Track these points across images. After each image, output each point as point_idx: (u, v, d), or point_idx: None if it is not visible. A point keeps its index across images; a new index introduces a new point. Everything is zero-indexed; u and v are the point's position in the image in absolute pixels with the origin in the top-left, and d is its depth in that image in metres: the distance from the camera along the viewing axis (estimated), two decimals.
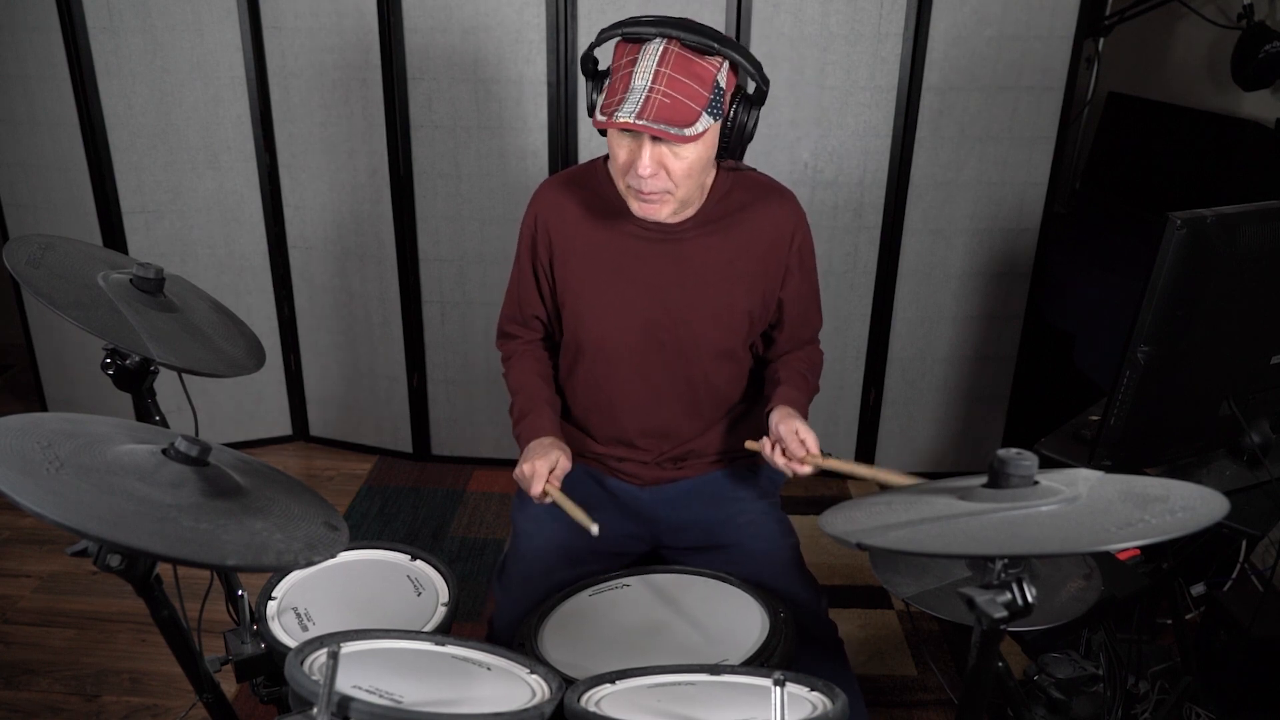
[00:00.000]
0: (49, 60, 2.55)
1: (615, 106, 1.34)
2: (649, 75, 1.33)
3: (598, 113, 1.38)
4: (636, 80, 1.34)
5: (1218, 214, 1.30)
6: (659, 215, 1.46)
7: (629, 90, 1.34)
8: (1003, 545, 0.88)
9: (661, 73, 1.33)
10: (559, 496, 1.46)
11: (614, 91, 1.36)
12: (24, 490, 0.84)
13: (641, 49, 1.36)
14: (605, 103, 1.37)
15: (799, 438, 1.46)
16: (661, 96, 1.33)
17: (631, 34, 1.36)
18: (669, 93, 1.33)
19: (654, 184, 1.41)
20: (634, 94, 1.33)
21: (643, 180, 1.40)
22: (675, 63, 1.34)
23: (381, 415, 3.01)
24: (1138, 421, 1.41)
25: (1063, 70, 2.51)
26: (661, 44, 1.34)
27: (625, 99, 1.34)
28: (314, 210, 2.79)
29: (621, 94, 1.34)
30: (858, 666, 2.16)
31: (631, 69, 1.35)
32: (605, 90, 1.39)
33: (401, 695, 1.02)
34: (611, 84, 1.38)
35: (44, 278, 1.31)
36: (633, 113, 1.32)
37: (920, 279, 2.73)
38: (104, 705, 2.04)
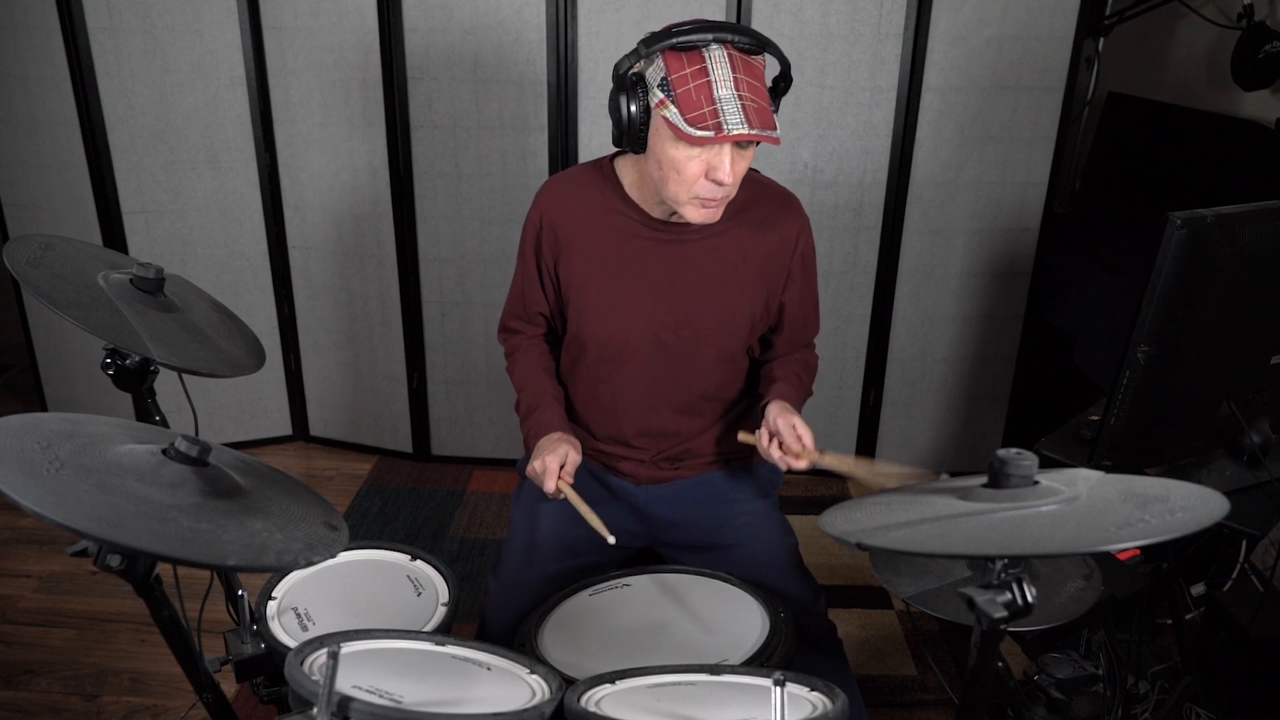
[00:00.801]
0: (49, 60, 2.55)
1: (713, 119, 1.31)
2: (730, 84, 1.31)
3: (687, 127, 1.32)
4: (720, 90, 1.31)
5: (1218, 214, 1.30)
6: (716, 219, 1.46)
7: (717, 101, 1.31)
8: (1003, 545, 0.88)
9: (740, 79, 1.32)
10: (574, 498, 1.47)
11: (696, 104, 1.32)
12: (24, 490, 0.84)
13: (706, 57, 1.32)
14: (691, 117, 1.31)
15: (796, 432, 1.46)
16: (751, 103, 1.32)
17: (685, 43, 1.33)
18: (753, 98, 1.32)
19: (728, 190, 1.41)
20: (727, 104, 1.31)
21: (721, 188, 1.39)
22: (744, 68, 1.33)
23: (381, 415, 3.01)
24: (1138, 421, 1.41)
25: (1063, 70, 2.51)
26: (722, 50, 1.32)
27: (722, 111, 1.31)
28: (314, 210, 2.79)
29: (710, 105, 1.31)
30: (858, 666, 2.16)
31: (706, 79, 1.32)
32: (678, 103, 1.32)
33: (401, 695, 1.02)
34: (684, 95, 1.32)
35: (44, 278, 1.31)
36: (741, 123, 1.30)
37: (920, 279, 2.73)
38: (104, 705, 2.04)
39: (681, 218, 1.49)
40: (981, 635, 0.95)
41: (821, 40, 2.50)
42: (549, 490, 1.47)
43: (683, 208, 1.44)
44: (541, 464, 1.48)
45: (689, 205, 1.43)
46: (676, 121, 1.33)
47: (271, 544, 0.96)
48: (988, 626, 0.93)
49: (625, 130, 1.39)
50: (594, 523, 1.42)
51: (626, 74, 1.37)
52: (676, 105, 1.33)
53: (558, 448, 1.50)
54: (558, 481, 1.47)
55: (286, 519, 1.02)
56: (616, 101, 1.39)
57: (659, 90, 1.35)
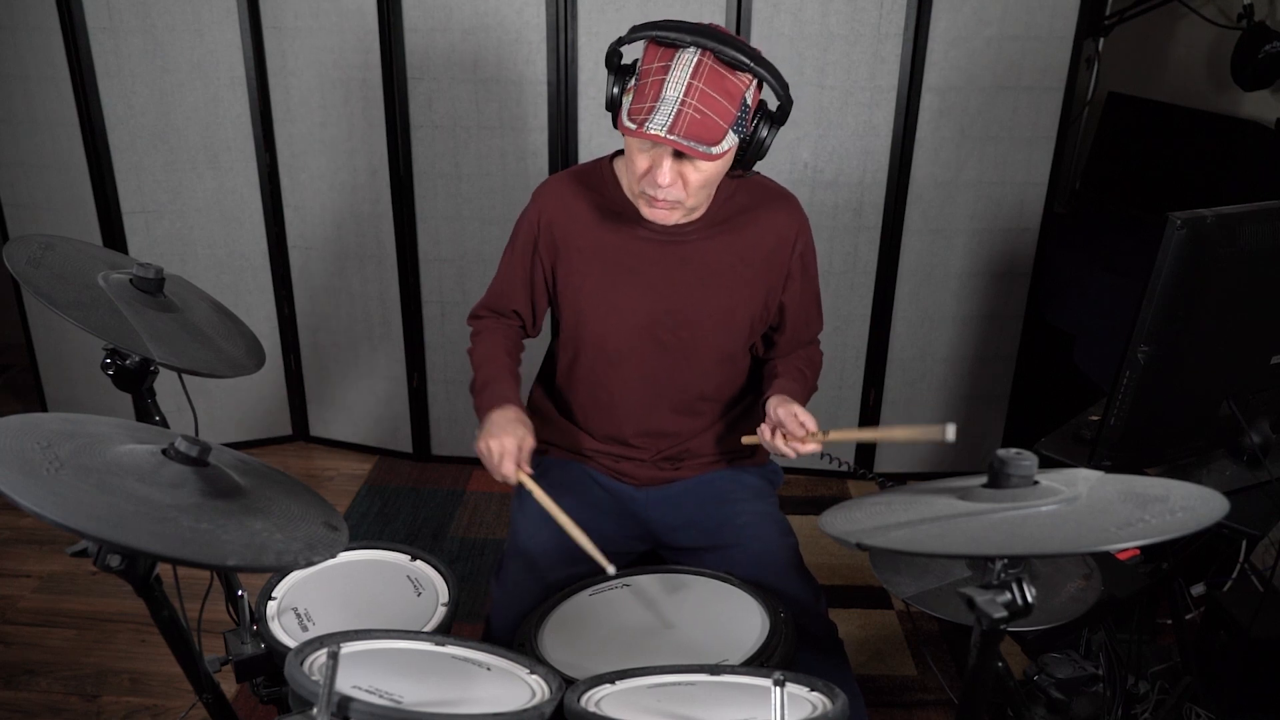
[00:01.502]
0: (49, 60, 2.55)
1: (645, 115, 1.32)
2: (681, 87, 1.32)
3: (625, 118, 1.36)
4: (669, 90, 1.32)
5: (1218, 214, 1.30)
6: (668, 221, 1.47)
7: (660, 99, 1.32)
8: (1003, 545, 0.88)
9: (694, 86, 1.32)
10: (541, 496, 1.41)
11: (643, 97, 1.34)
12: (24, 490, 0.84)
13: (675, 56, 1.33)
14: (634, 108, 1.35)
15: (798, 420, 1.46)
16: (693, 111, 1.32)
17: (665, 38, 1.34)
18: (700, 108, 1.32)
19: (669, 193, 1.41)
20: (665, 104, 1.31)
21: (658, 189, 1.40)
22: (708, 77, 1.32)
23: (381, 415, 3.01)
24: (1138, 421, 1.41)
25: (1063, 70, 2.51)
26: (696, 55, 1.32)
27: (656, 109, 1.32)
28: (314, 210, 2.79)
29: (652, 102, 1.32)
30: (858, 666, 2.16)
31: (664, 77, 1.33)
32: (634, 93, 1.36)
33: (401, 695, 1.02)
34: (640, 88, 1.35)
35: (44, 278, 1.31)
36: (664, 126, 1.31)
37: (920, 279, 2.73)
38: (104, 705, 2.04)
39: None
40: (981, 635, 0.96)
41: (821, 40, 2.50)
42: (505, 473, 1.40)
43: (635, 201, 1.47)
44: (498, 444, 1.41)
45: (639, 199, 1.46)
46: (624, 109, 1.37)
47: (271, 544, 0.96)
48: (988, 626, 0.93)
49: (607, 103, 1.42)
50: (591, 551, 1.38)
51: (613, 53, 1.41)
52: (632, 95, 1.37)
53: (514, 429, 1.44)
54: (517, 471, 1.41)
55: (286, 519, 1.03)
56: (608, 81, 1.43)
57: (630, 78, 1.39)
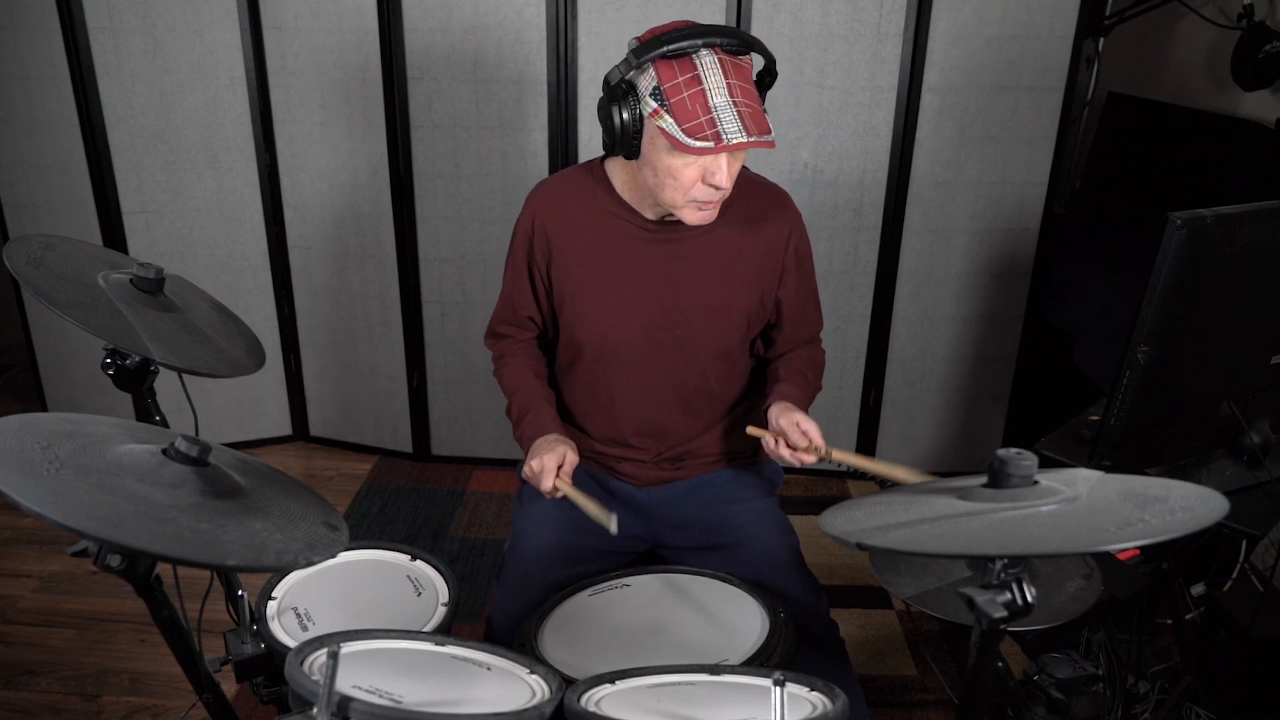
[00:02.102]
0: (49, 60, 2.55)
1: (711, 128, 1.31)
2: (724, 91, 1.31)
3: (685, 138, 1.31)
4: (715, 98, 1.31)
5: (1218, 214, 1.30)
6: (712, 219, 1.47)
7: (713, 109, 1.31)
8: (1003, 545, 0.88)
9: (733, 85, 1.32)
10: (572, 492, 1.46)
11: (691, 114, 1.31)
12: (24, 490, 0.84)
13: (697, 64, 1.32)
14: (689, 127, 1.31)
15: (800, 429, 1.46)
16: (745, 108, 1.32)
17: (676, 50, 1.32)
18: (747, 103, 1.32)
19: (722, 193, 1.42)
20: (723, 112, 1.31)
21: (718, 191, 1.40)
22: (735, 72, 1.33)
23: (381, 415, 3.01)
24: (1138, 421, 1.41)
25: (1063, 70, 2.51)
26: (713, 55, 1.32)
27: (719, 119, 1.30)
28: (314, 210, 2.79)
29: (705, 115, 1.31)
30: (858, 666, 2.16)
31: (700, 87, 1.31)
32: (673, 112, 1.32)
33: (401, 695, 1.02)
34: (679, 105, 1.32)
35: (44, 278, 1.31)
36: (739, 130, 1.30)
37: (920, 279, 2.73)
38: (104, 705, 2.04)
39: (674, 217, 1.49)
40: (981, 635, 0.95)
41: (821, 40, 2.50)
42: (546, 489, 1.47)
43: (680, 211, 1.45)
44: (539, 463, 1.47)
45: (686, 209, 1.44)
46: (673, 132, 1.32)
47: (271, 544, 0.96)
48: (988, 626, 0.93)
49: (618, 139, 1.39)
50: (594, 513, 1.40)
51: (618, 84, 1.36)
52: (672, 115, 1.33)
53: (555, 448, 1.50)
54: (556, 480, 1.47)
55: (286, 519, 1.02)
56: (608, 110, 1.38)
57: (652, 99, 1.35)
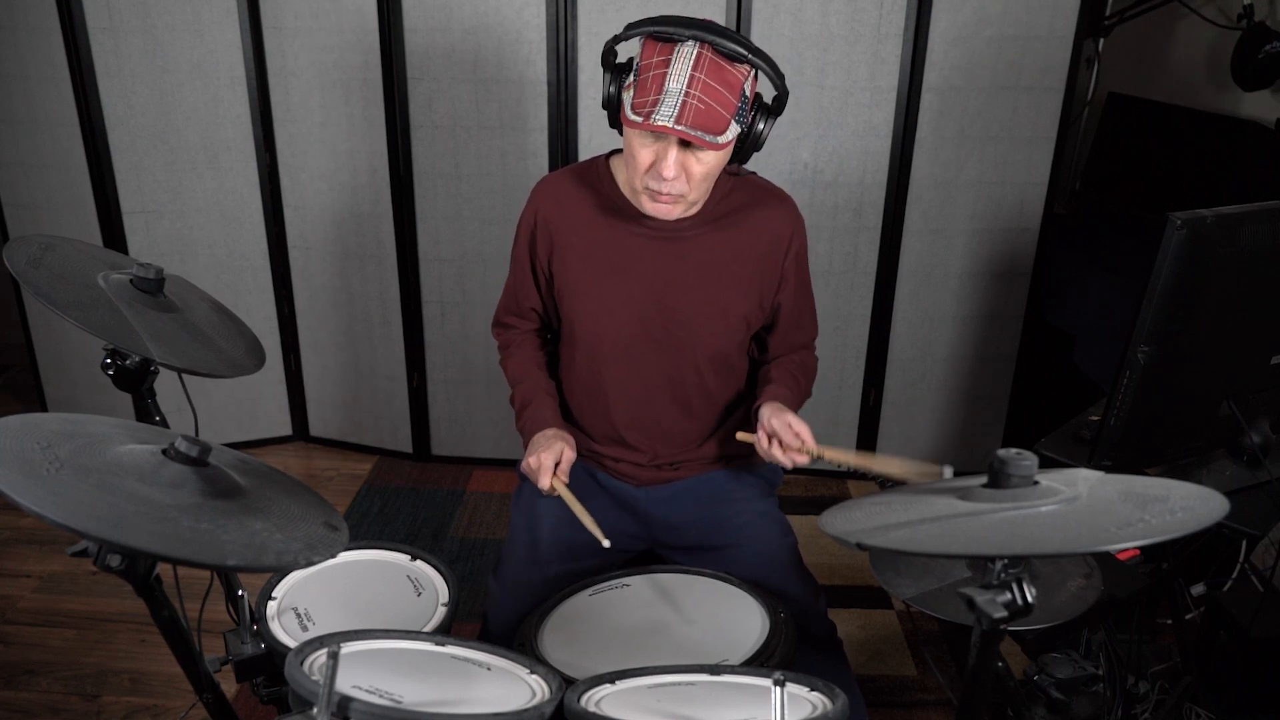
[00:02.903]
0: (49, 60, 2.55)
1: (650, 108, 1.33)
2: (684, 79, 1.33)
3: (628, 111, 1.37)
4: (671, 83, 1.33)
5: (1218, 214, 1.30)
6: (670, 215, 1.48)
7: (664, 92, 1.33)
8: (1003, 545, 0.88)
9: (696, 77, 1.33)
10: (568, 497, 1.47)
11: (646, 91, 1.35)
12: (24, 490, 0.84)
13: (675, 50, 1.34)
14: (637, 102, 1.36)
15: (793, 430, 1.46)
16: (697, 102, 1.33)
17: (663, 33, 1.35)
18: (703, 98, 1.33)
19: (673, 186, 1.42)
20: (669, 96, 1.33)
21: (663, 182, 1.41)
22: (709, 68, 1.34)
23: (381, 415, 3.01)
24: (1138, 421, 1.41)
25: (1063, 70, 2.51)
26: (695, 48, 1.34)
27: (661, 101, 1.33)
28: (314, 210, 2.79)
29: (656, 95, 1.34)
30: (858, 666, 2.16)
31: (665, 70, 1.34)
32: (635, 88, 1.37)
33: (401, 695, 1.02)
34: (641, 82, 1.36)
35: (44, 278, 1.31)
36: (670, 116, 1.32)
37: (920, 279, 2.73)
38: (104, 705, 2.04)
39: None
40: (981, 635, 0.95)
41: (821, 40, 2.50)
42: (543, 487, 1.48)
43: (637, 197, 1.47)
44: (537, 460, 1.49)
45: (642, 195, 1.46)
46: (626, 104, 1.38)
47: (271, 544, 0.96)
48: (988, 626, 0.93)
49: (605, 107, 1.43)
50: (589, 525, 1.42)
51: (608, 52, 1.41)
52: (634, 90, 1.37)
53: (553, 444, 1.50)
54: (553, 479, 1.48)
55: (286, 519, 1.02)
56: (604, 80, 1.43)
57: (629, 74, 1.39)
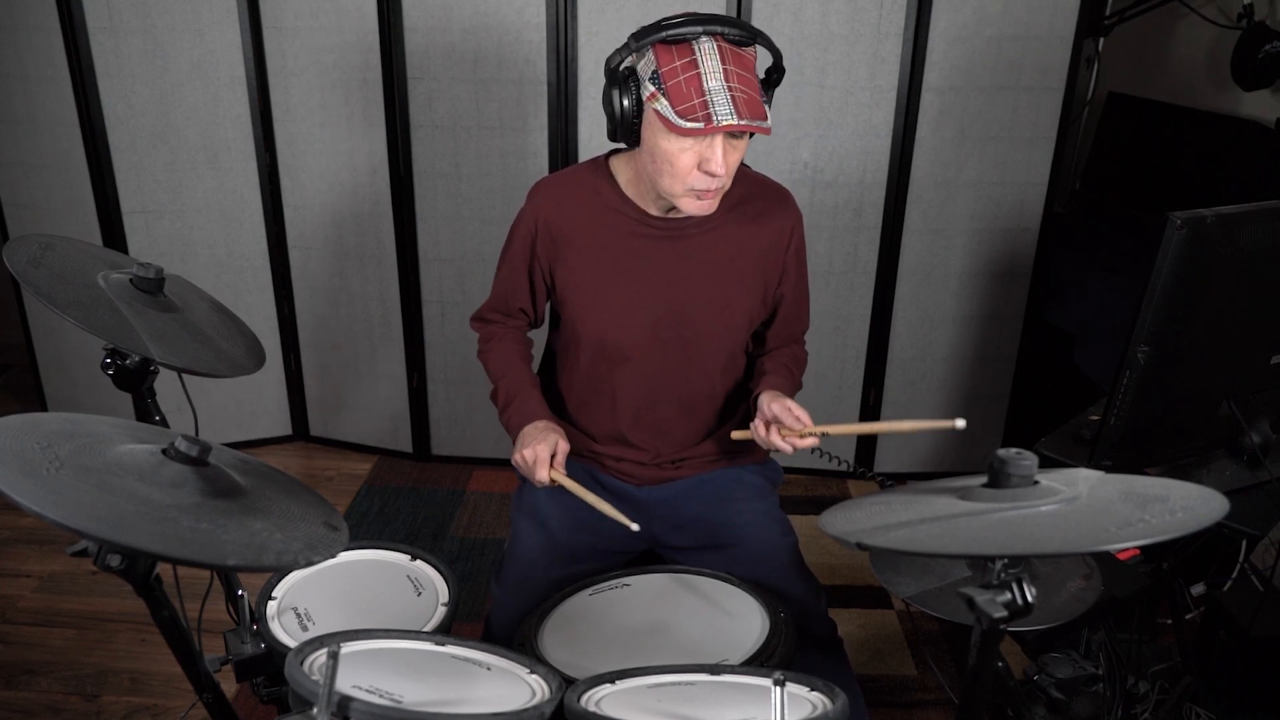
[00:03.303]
0: (49, 60, 2.55)
1: (703, 110, 1.32)
2: (720, 75, 1.32)
3: (677, 119, 1.33)
4: (710, 82, 1.32)
5: (1218, 214, 1.30)
6: (711, 210, 1.47)
7: (707, 92, 1.32)
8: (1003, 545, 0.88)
9: (730, 71, 1.33)
10: (572, 486, 1.46)
11: (685, 96, 1.33)
12: (24, 490, 0.84)
13: (695, 50, 1.33)
14: (682, 109, 1.33)
15: (793, 414, 1.46)
16: (740, 94, 1.33)
17: (675, 36, 1.33)
18: (743, 89, 1.33)
19: (720, 181, 1.42)
20: (717, 95, 1.32)
21: (713, 179, 1.40)
22: (734, 59, 1.34)
23: (381, 415, 3.01)
24: (1138, 421, 1.41)
25: (1063, 70, 2.51)
26: (712, 42, 1.33)
27: (711, 101, 1.32)
28: (314, 210, 2.79)
29: (699, 97, 1.32)
30: (858, 666, 2.16)
31: (696, 70, 1.33)
32: (669, 95, 1.34)
33: (401, 695, 1.02)
34: (674, 88, 1.33)
35: (44, 278, 1.31)
36: (730, 113, 1.31)
37: (920, 279, 2.73)
38: (104, 705, 2.04)
39: (679, 213, 1.49)
40: (981, 635, 0.95)
41: (821, 40, 2.50)
42: (540, 480, 1.47)
43: (678, 200, 1.45)
44: (532, 453, 1.48)
45: (684, 197, 1.44)
46: (667, 114, 1.34)
47: (271, 544, 0.96)
48: (988, 626, 0.93)
49: (619, 125, 1.41)
50: (609, 511, 1.41)
51: (618, 68, 1.38)
52: (667, 98, 1.34)
53: (546, 436, 1.50)
54: (550, 471, 1.47)
55: (286, 519, 1.02)
56: (609, 96, 1.40)
57: (650, 83, 1.36)
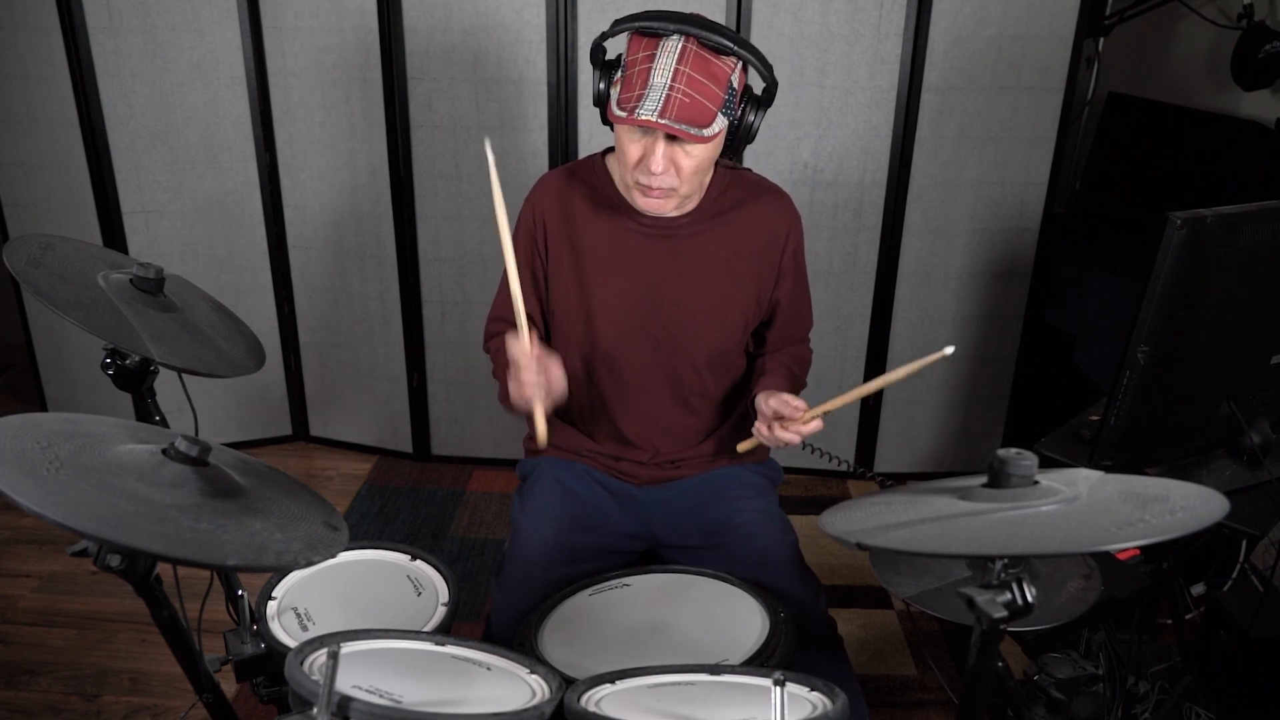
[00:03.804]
0: (49, 60, 2.55)
1: (635, 102, 1.34)
2: (669, 73, 1.34)
3: (614, 107, 1.38)
4: (656, 77, 1.34)
5: (1218, 214, 1.30)
6: (662, 210, 1.48)
7: (648, 87, 1.34)
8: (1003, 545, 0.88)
9: (681, 71, 1.34)
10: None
11: (631, 86, 1.36)
12: (24, 490, 0.84)
13: (660, 45, 1.35)
14: (623, 97, 1.37)
15: (790, 405, 1.46)
16: (681, 95, 1.34)
17: (648, 28, 1.36)
18: (689, 92, 1.34)
19: (662, 180, 1.42)
20: (654, 91, 1.34)
21: (652, 177, 1.41)
22: (694, 62, 1.34)
23: (381, 415, 3.01)
24: (1138, 421, 1.41)
25: (1063, 70, 2.51)
26: (680, 41, 1.35)
27: (645, 95, 1.34)
28: (314, 210, 2.79)
29: (641, 90, 1.34)
30: (858, 666, 2.16)
31: (650, 65, 1.35)
32: (621, 84, 1.38)
33: (401, 695, 1.02)
34: (628, 78, 1.37)
35: (44, 278, 1.31)
36: (655, 110, 1.33)
37: (920, 279, 2.73)
38: (104, 705, 2.04)
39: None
40: (981, 635, 0.95)
41: (821, 40, 2.50)
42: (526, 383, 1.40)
43: (629, 193, 1.48)
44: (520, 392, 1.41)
45: (633, 190, 1.47)
46: (612, 100, 1.39)
47: (271, 544, 0.96)
48: (988, 626, 0.93)
49: (596, 103, 1.44)
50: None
51: (596, 49, 1.42)
52: (620, 85, 1.38)
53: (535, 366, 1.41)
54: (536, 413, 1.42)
55: (286, 519, 1.02)
56: (594, 77, 1.44)
57: (616, 70, 1.41)
